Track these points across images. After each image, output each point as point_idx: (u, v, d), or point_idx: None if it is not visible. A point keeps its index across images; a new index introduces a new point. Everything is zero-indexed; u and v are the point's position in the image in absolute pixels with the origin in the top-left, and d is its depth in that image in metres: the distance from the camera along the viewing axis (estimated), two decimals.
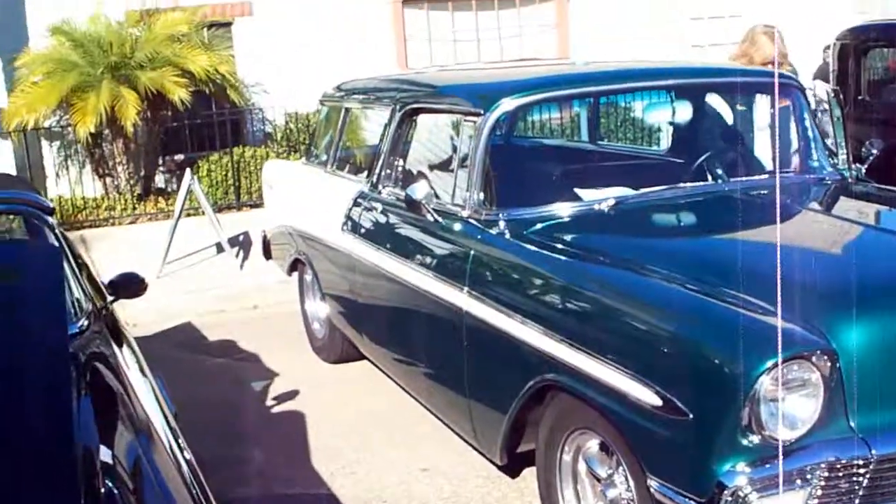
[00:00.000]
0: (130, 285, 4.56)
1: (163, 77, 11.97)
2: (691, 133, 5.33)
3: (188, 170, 10.38)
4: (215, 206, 12.70)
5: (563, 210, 4.65)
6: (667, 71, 5.46)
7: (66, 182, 13.27)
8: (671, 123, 5.21)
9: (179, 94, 11.92)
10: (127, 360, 3.88)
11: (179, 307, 9.35)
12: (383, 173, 5.86)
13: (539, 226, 4.52)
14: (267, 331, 8.28)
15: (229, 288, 9.82)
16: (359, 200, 6.05)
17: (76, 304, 4.05)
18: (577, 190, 4.82)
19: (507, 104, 4.87)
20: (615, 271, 3.97)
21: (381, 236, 5.68)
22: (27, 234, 4.36)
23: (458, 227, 4.81)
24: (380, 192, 5.85)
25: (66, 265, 4.18)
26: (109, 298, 4.55)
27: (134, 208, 12.82)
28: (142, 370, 3.99)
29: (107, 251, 11.28)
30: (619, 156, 5.65)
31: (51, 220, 4.34)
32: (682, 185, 4.91)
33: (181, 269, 10.34)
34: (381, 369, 6.32)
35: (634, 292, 3.76)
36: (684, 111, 5.26)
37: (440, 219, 4.90)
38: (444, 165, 5.33)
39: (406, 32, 15.27)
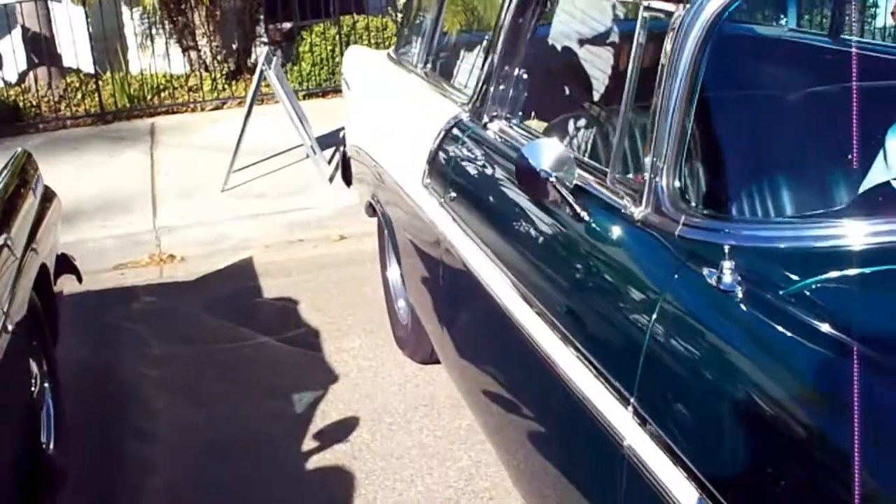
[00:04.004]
0: None
1: None
2: None
3: (266, 49, 7.90)
4: (319, 88, 10.39)
5: (871, 234, 2.01)
6: None
7: (151, 55, 10.99)
8: None
9: None
10: None
11: (244, 234, 7.05)
12: (492, 92, 3.30)
13: (823, 278, 1.90)
14: (345, 284, 5.91)
15: (312, 209, 7.42)
16: (452, 135, 3.53)
17: None
18: None
19: None
20: None
21: (481, 210, 3.18)
22: None
23: (624, 239, 2.26)
24: (485, 126, 3.31)
25: None
26: None
27: (223, 89, 10.56)
28: None
29: (174, 147, 9.08)
30: None
31: None
32: None
33: (255, 180, 7.96)
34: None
35: None
36: None
37: (587, 215, 2.36)
38: (604, 98, 2.74)
39: None
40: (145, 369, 4.98)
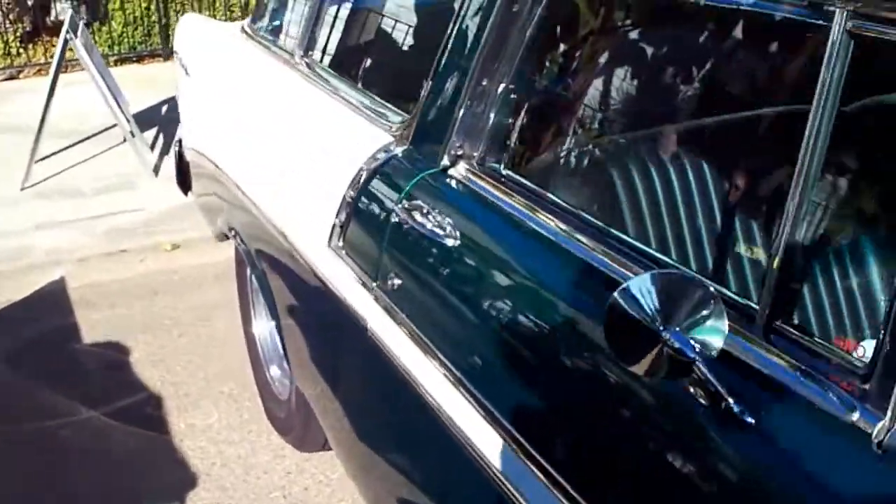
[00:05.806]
0: None
1: None
2: None
3: (69, 11, 6.39)
4: (133, 52, 8.94)
5: None
6: None
7: None
8: None
9: None
10: None
11: (52, 245, 5.64)
12: (461, 115, 2.09)
13: None
14: (187, 318, 4.68)
15: (137, 210, 6.04)
16: (382, 181, 2.29)
17: None
18: None
19: None
20: None
21: (463, 330, 1.98)
22: None
23: (832, 478, 1.14)
24: (446, 172, 2.11)
25: None
26: None
27: (18, 54, 8.96)
28: None
29: None
30: None
31: None
32: None
33: (65, 171, 6.51)
34: None
35: None
36: None
37: (742, 411, 1.20)
38: (712, 149, 1.60)
39: None
40: None
